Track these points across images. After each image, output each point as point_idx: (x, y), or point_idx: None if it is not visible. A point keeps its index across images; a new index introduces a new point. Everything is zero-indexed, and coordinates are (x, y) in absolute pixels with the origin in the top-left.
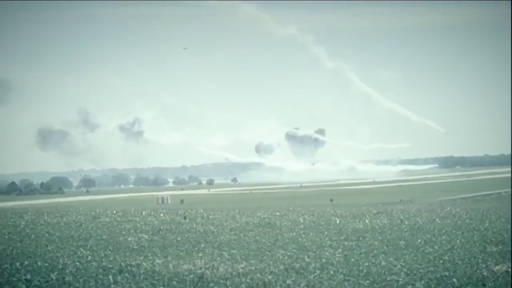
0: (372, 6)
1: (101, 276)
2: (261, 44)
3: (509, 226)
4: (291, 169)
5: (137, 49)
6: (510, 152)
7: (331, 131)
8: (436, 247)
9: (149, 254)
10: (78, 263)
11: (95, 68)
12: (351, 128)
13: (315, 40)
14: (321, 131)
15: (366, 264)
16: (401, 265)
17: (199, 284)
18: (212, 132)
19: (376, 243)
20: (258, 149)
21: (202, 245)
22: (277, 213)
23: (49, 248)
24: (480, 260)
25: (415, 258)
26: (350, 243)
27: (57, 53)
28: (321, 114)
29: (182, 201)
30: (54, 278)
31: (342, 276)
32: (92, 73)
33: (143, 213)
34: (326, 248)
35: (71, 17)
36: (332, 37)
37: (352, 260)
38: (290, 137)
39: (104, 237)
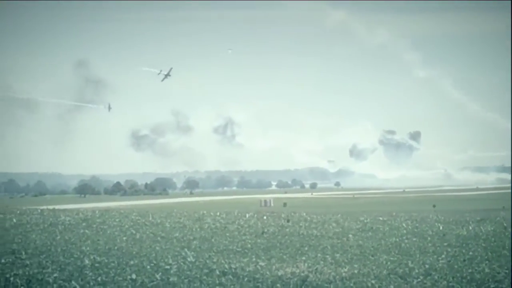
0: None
1: (205, 278)
2: (354, 47)
3: None
4: (384, 175)
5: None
6: None
7: (425, 136)
8: None
9: (253, 257)
10: (182, 264)
11: (188, 68)
12: (446, 134)
13: (408, 46)
14: (416, 134)
15: (469, 270)
16: (505, 273)
17: (303, 287)
18: (307, 136)
19: (479, 250)
20: (352, 153)
21: (306, 249)
22: (380, 218)
23: (154, 248)
24: None
25: None
26: (454, 249)
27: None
28: (415, 119)
29: (285, 204)
30: (159, 278)
31: (445, 282)
32: (185, 73)
33: (247, 215)
34: (429, 254)
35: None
36: (426, 42)
37: (456, 266)
38: (384, 141)
39: (208, 238)
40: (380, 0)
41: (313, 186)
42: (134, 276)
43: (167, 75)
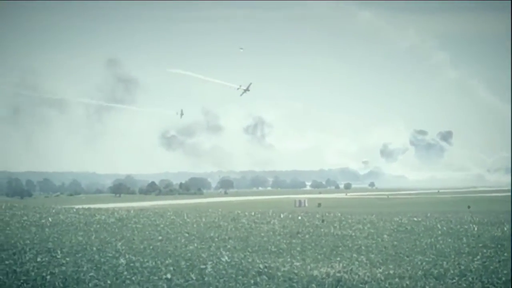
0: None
1: (240, 277)
2: (383, 47)
3: None
4: (415, 175)
5: (261, 50)
6: None
7: (457, 136)
8: None
9: (288, 257)
10: (217, 264)
11: (218, 67)
12: (478, 135)
13: (438, 45)
14: (448, 134)
15: (504, 272)
16: None
17: (337, 287)
18: (338, 136)
19: None
20: (383, 153)
21: (340, 249)
22: (415, 219)
23: (189, 248)
24: None
25: None
26: (489, 250)
27: (183, 53)
28: (447, 119)
29: (319, 204)
30: (194, 278)
31: (480, 283)
32: (215, 72)
33: (281, 215)
34: (464, 255)
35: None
36: (456, 42)
37: (491, 267)
38: (415, 142)
39: (243, 238)
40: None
41: (348, 187)
42: (169, 276)
43: (246, 90)
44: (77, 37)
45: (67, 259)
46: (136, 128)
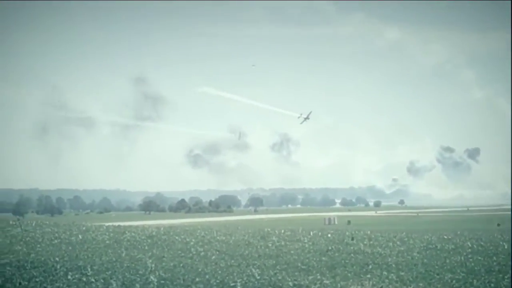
0: None
1: None
2: (410, 64)
3: None
4: (443, 193)
5: (286, 68)
6: None
7: (484, 154)
8: None
9: (318, 274)
10: (247, 281)
11: (244, 85)
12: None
13: (465, 63)
14: (475, 151)
15: None
16: None
17: None
18: (365, 154)
19: None
20: (410, 171)
21: (370, 267)
22: (445, 236)
23: (219, 265)
24: None
25: None
26: None
27: (210, 71)
28: (474, 136)
29: (349, 222)
30: None
31: None
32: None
33: (311, 233)
34: (494, 273)
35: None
36: (482, 60)
37: None
38: (442, 159)
39: (273, 256)
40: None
41: (377, 204)
42: None
43: (306, 118)
44: (105, 54)
45: (97, 276)
46: (164, 146)
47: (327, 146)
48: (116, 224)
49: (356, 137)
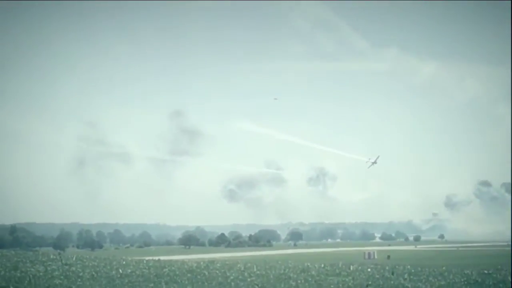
0: None
1: None
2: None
3: None
4: (481, 229)
5: (320, 102)
6: None
7: None
8: None
9: None
10: None
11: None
12: None
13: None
14: None
15: None
16: None
17: None
18: (402, 188)
19: None
20: (447, 205)
21: None
22: (485, 271)
23: None
24: None
25: None
26: None
27: (247, 106)
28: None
29: (389, 256)
30: None
31: None
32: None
33: (351, 267)
34: None
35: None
36: None
37: None
38: (479, 194)
39: None
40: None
41: (417, 239)
42: None
43: (374, 163)
44: (142, 89)
45: None
46: (201, 180)
47: (363, 180)
48: (156, 258)
49: (392, 171)
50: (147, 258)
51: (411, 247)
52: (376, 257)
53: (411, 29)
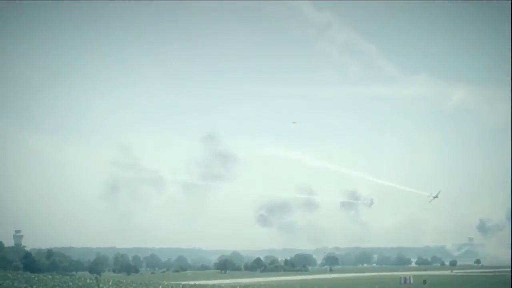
0: None
1: None
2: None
3: None
4: None
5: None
6: None
7: None
8: None
9: None
10: None
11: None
12: None
13: None
14: None
15: None
16: None
17: None
18: (434, 212)
19: None
20: (481, 230)
21: None
22: None
23: None
24: None
25: None
26: None
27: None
28: None
29: (424, 281)
30: None
31: None
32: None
33: None
34: None
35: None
36: None
37: None
38: None
39: None
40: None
41: (453, 264)
42: None
43: (435, 197)
44: (174, 112)
45: None
46: (235, 204)
47: (395, 205)
48: (192, 283)
49: (424, 196)
50: (183, 282)
51: (447, 272)
52: (412, 282)
53: (440, 54)
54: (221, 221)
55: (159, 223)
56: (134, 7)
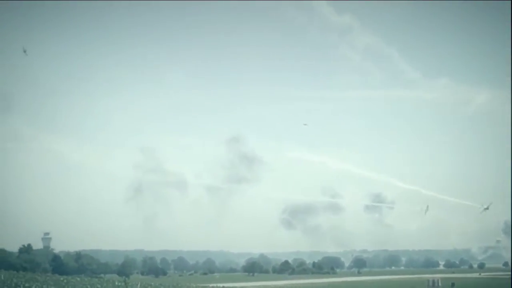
0: None
1: None
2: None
3: None
4: None
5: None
6: None
7: None
8: None
9: None
10: None
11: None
12: None
13: None
14: None
15: None
16: None
17: None
18: (458, 215)
19: None
20: (505, 232)
21: None
22: None
23: None
24: None
25: None
26: None
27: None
28: None
29: (453, 284)
30: None
31: None
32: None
33: None
34: None
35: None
36: None
37: None
38: None
39: None
40: None
41: (481, 266)
42: None
43: (486, 209)
44: (197, 116)
45: None
46: (261, 207)
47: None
48: (220, 285)
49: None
50: (211, 285)
51: (475, 275)
52: (440, 284)
53: (462, 58)
54: (246, 223)
55: (184, 226)
56: (160, 8)
